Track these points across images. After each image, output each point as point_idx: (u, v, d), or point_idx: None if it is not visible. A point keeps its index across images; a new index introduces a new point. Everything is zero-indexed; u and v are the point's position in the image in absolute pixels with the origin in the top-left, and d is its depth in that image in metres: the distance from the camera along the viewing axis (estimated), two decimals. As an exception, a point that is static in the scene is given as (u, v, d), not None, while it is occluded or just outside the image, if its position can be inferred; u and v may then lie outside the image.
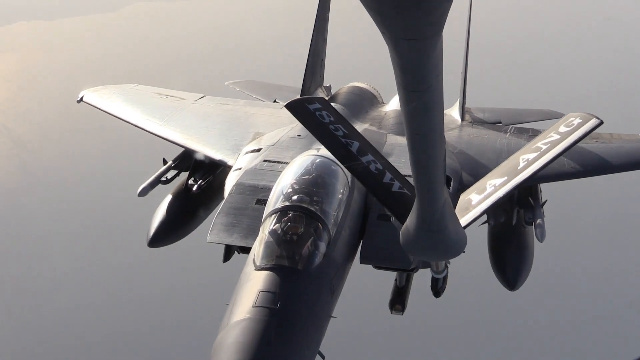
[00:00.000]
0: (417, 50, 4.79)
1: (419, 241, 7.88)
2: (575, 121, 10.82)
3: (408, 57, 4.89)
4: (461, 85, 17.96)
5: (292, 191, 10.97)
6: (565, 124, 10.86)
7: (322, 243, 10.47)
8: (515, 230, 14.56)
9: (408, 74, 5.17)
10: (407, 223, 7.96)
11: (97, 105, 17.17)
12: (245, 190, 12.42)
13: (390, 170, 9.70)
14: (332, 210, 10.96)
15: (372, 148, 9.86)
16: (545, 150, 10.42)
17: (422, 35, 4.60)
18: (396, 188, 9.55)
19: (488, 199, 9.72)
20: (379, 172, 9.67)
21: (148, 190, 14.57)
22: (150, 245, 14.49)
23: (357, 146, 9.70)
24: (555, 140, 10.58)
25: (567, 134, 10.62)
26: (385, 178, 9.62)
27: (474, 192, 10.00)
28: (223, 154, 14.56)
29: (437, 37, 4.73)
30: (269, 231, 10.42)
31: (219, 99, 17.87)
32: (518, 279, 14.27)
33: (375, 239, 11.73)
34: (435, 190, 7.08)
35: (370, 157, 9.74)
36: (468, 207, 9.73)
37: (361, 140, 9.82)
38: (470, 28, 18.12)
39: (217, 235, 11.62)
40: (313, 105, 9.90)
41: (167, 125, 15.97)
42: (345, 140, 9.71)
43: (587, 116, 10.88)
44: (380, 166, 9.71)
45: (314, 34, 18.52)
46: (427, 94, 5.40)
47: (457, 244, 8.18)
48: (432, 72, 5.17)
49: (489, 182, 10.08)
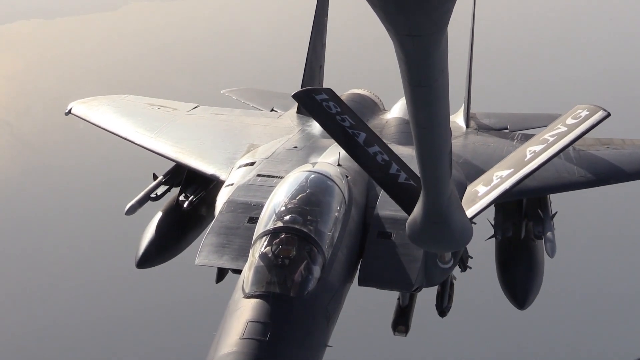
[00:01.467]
0: (421, 46, 4.75)
1: (425, 232, 7.91)
2: (583, 113, 10.71)
3: (413, 53, 4.86)
4: (466, 90, 17.31)
5: (284, 210, 10.28)
6: (572, 116, 10.75)
7: (317, 267, 9.76)
8: (524, 245, 13.82)
9: (413, 69, 5.14)
10: (414, 214, 7.98)
11: (85, 118, 16.53)
12: (237, 207, 11.74)
13: (397, 161, 9.64)
14: (327, 230, 10.26)
15: (378, 139, 9.80)
16: (552, 142, 10.33)
17: (426, 32, 4.57)
18: (402, 179, 9.49)
19: (494, 190, 9.72)
20: (385, 164, 9.62)
21: (136, 208, 13.87)
22: (139, 266, 13.81)
23: (364, 137, 9.68)
24: (562, 132, 10.48)
25: (574, 126, 10.50)
26: (392, 169, 9.58)
27: (480, 184, 10.01)
28: (215, 168, 13.89)
29: (442, 33, 4.69)
30: (259, 255, 9.73)
31: (213, 108, 17.21)
32: (528, 297, 13.52)
33: (374, 259, 11.00)
34: (441, 183, 7.09)
35: (377, 148, 9.71)
36: (474, 199, 9.75)
37: (368, 131, 9.76)
38: (474, 29, 17.50)
39: (206, 257, 10.92)
40: (320, 95, 9.86)
41: (158, 137, 15.31)
42: (352, 131, 9.68)
43: (594, 108, 10.75)
44: (386, 157, 9.66)
45: (312, 40, 17.93)
46: (432, 89, 5.38)
47: (463, 235, 8.20)
48: (437, 68, 5.13)
49: (495, 174, 10.08)
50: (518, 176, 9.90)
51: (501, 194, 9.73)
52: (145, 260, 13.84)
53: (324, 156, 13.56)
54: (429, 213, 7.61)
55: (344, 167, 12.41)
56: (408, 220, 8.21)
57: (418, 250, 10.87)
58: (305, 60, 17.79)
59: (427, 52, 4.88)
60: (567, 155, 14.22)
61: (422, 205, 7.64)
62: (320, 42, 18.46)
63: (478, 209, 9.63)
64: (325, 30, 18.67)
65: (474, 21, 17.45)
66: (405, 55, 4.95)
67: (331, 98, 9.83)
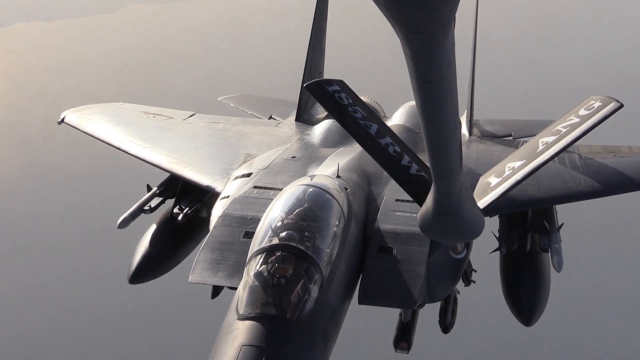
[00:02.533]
0: (428, 43, 4.73)
1: (436, 224, 7.96)
2: (596, 104, 10.68)
3: (419, 49, 4.85)
4: (468, 97, 16.90)
5: (280, 226, 9.85)
6: (585, 107, 10.73)
7: (314, 286, 9.34)
8: (530, 258, 13.37)
9: (420, 65, 5.11)
10: (425, 206, 8.04)
11: (78, 127, 16.11)
12: (233, 221, 11.32)
13: (409, 153, 9.67)
14: (325, 247, 9.83)
15: (390, 131, 9.87)
16: (564, 133, 10.32)
17: (432, 28, 4.55)
18: (414, 170, 9.54)
19: (507, 181, 9.81)
20: (397, 155, 9.65)
21: (129, 221, 13.44)
22: (132, 282, 13.38)
23: (376, 128, 9.69)
24: (575, 123, 10.47)
25: (587, 117, 10.50)
26: (404, 160, 9.61)
27: (492, 175, 10.09)
28: (211, 179, 13.47)
29: (448, 29, 4.67)
30: (254, 274, 9.29)
31: (210, 117, 16.79)
32: (534, 313, 13.07)
33: (375, 275, 10.58)
34: (451, 176, 7.12)
35: (389, 139, 9.71)
36: (486, 190, 9.82)
37: (379, 122, 9.81)
38: (477, 33, 17.10)
39: (200, 274, 10.49)
40: (332, 87, 9.80)
41: (152, 147, 14.89)
42: (364, 123, 9.70)
43: (607, 99, 10.72)
44: (398, 149, 9.67)
45: (311, 45, 17.52)
46: (440, 84, 5.35)
47: (474, 226, 8.25)
48: (444, 63, 5.10)
49: (507, 165, 10.13)
50: (530, 167, 9.94)
51: (513, 185, 9.80)
52: (137, 275, 13.41)
53: (323, 166, 13.17)
54: (440, 205, 7.66)
55: (343, 179, 12.02)
56: (420, 212, 8.28)
57: (420, 265, 10.48)
58: (304, 66, 17.39)
59: (433, 48, 4.85)
60: (574, 163, 13.84)
61: (433, 198, 7.69)
62: (319, 48, 18.07)
63: (490, 200, 9.68)
64: (324, 36, 18.29)
65: (476, 25, 17.06)
66: (412, 52, 4.92)
67: (343, 89, 9.77)
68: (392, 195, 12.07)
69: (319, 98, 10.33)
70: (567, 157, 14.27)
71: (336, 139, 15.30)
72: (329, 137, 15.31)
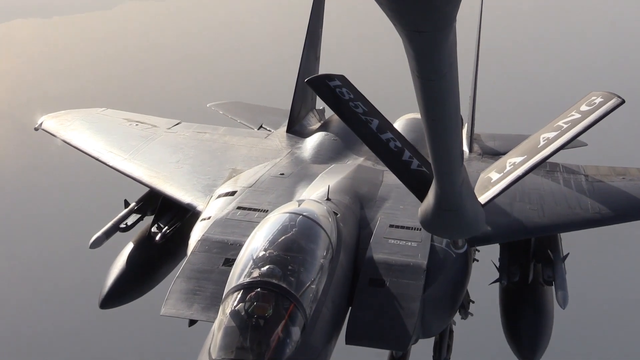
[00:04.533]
0: (429, 42, 4.75)
1: (437, 220, 7.91)
2: (597, 100, 10.49)
3: (421, 48, 4.89)
4: (470, 110, 16.09)
5: (262, 257, 8.96)
6: (586, 102, 10.55)
7: (296, 328, 8.45)
8: (532, 291, 12.40)
9: (421, 63, 5.14)
10: (426, 201, 8.01)
11: (56, 134, 15.17)
12: (212, 247, 10.43)
13: (410, 148, 9.60)
14: (310, 282, 8.93)
15: (391, 126, 9.82)
16: (566, 129, 10.18)
17: (433, 28, 4.57)
18: (415, 166, 9.45)
19: (507, 177, 9.76)
20: (398, 150, 9.56)
21: (103, 241, 12.47)
22: (103, 306, 12.42)
23: (377, 124, 9.63)
24: (576, 119, 10.30)
25: (588, 112, 10.32)
26: (405, 156, 9.54)
27: (493, 171, 10.09)
28: (193, 197, 12.58)
29: (450, 29, 4.68)
30: (230, 312, 8.40)
31: (196, 126, 15.89)
32: (536, 351, 12.10)
33: (364, 312, 9.69)
34: (453, 171, 7.12)
35: (390, 134, 9.66)
36: (487, 186, 9.81)
37: (381, 118, 9.73)
38: (480, 40, 16.26)
39: (173, 306, 9.58)
40: (333, 82, 9.80)
41: (132, 159, 13.98)
42: (366, 118, 9.66)
43: (608, 95, 10.51)
44: (399, 144, 9.59)
45: (305, 52, 16.69)
46: (441, 83, 5.38)
47: (475, 222, 8.19)
48: (446, 62, 5.11)
49: (509, 161, 10.09)
50: (531, 163, 9.86)
51: (514, 180, 9.75)
52: (109, 299, 12.45)
53: (312, 186, 12.29)
54: (441, 201, 7.61)
55: (333, 202, 11.16)
56: (420, 208, 8.19)
57: (414, 302, 9.63)
58: (298, 73, 16.58)
59: (435, 47, 4.86)
60: (580, 186, 13.04)
61: (434, 193, 7.66)
62: (314, 55, 17.26)
63: (491, 196, 9.61)
64: (319, 42, 17.49)
65: (480, 30, 16.23)
66: (413, 51, 4.94)
67: (344, 84, 9.74)
68: (385, 220, 11.28)
69: (320, 93, 10.29)
70: (573, 178, 13.46)
71: (328, 154, 14.46)
72: (321, 152, 14.47)
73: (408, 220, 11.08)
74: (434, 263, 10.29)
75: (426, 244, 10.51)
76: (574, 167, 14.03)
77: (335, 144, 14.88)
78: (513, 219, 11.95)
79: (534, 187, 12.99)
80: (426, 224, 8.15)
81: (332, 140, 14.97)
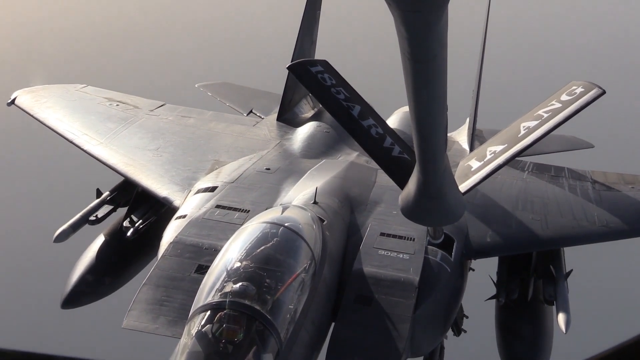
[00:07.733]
0: (422, 22, 4.81)
1: (418, 206, 7.83)
2: (578, 90, 10.44)
3: (413, 28, 4.92)
4: (473, 105, 15.18)
5: (236, 271, 8.07)
6: (567, 92, 10.50)
7: (269, 355, 7.57)
8: (531, 309, 11.51)
9: (413, 44, 5.18)
10: (407, 188, 7.94)
11: (30, 112, 14.15)
12: (185, 251, 9.53)
13: (391, 135, 9.58)
14: (288, 302, 8.04)
15: (373, 112, 9.77)
16: (546, 118, 10.16)
17: (427, 8, 4.63)
18: (396, 153, 9.42)
19: (488, 165, 9.76)
20: (379, 137, 9.53)
21: (69, 234, 11.48)
22: (65, 306, 11.51)
23: (359, 110, 9.61)
24: (556, 108, 10.27)
25: (569, 102, 10.29)
26: (386, 142, 9.50)
27: (473, 159, 10.05)
28: (169, 190, 11.63)
29: (443, 9, 4.74)
30: (196, 335, 7.50)
31: (181, 109, 14.86)
32: None
33: (348, 332, 8.82)
34: (436, 158, 7.10)
35: (371, 120, 9.62)
36: (467, 174, 9.77)
37: (363, 103, 9.70)
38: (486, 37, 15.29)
39: (137, 318, 8.70)
40: (315, 67, 9.80)
41: (108, 143, 12.98)
42: (347, 104, 9.63)
43: (589, 85, 10.44)
44: (380, 130, 9.56)
45: (300, 35, 15.76)
46: (431, 65, 5.46)
47: (455, 210, 8.11)
48: (436, 43, 5.18)
49: (489, 149, 10.05)
50: (511, 152, 9.85)
51: (494, 169, 9.76)
52: (73, 298, 11.55)
53: (300, 184, 11.36)
54: (422, 187, 7.53)
55: (321, 206, 10.28)
56: (401, 194, 8.07)
57: (404, 323, 8.77)
58: (292, 58, 15.48)
59: (428, 27, 4.91)
60: (586, 193, 12.18)
61: (416, 180, 7.56)
62: (309, 39, 16.26)
63: (471, 184, 9.58)
64: (316, 25, 16.48)
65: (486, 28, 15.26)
66: (406, 31, 4.96)
67: (327, 70, 9.74)
68: (376, 227, 10.41)
69: (302, 79, 10.27)
70: (579, 185, 12.58)
71: (320, 147, 13.52)
72: (312, 146, 13.52)
73: (401, 229, 10.20)
74: (427, 279, 9.43)
75: (419, 257, 9.64)
76: (581, 172, 13.14)
77: (328, 136, 13.93)
78: (514, 230, 11.08)
79: (537, 194, 12.13)
80: (406, 211, 8.03)
81: (324, 132, 14.02)
